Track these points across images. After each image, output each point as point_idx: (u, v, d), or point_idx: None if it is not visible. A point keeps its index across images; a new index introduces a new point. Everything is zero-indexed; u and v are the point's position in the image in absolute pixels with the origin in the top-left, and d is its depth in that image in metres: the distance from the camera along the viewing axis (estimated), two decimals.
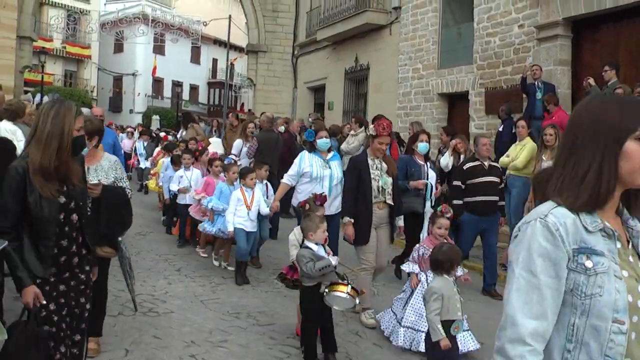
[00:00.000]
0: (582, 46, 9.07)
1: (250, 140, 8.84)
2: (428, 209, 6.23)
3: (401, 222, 5.55)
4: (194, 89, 41.54)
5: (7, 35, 16.45)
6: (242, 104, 31.84)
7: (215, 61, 41.64)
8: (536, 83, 8.80)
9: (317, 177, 5.70)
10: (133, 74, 37.33)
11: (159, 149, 11.44)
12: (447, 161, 7.64)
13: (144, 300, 5.18)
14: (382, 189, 5.07)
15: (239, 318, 4.98)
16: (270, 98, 19.14)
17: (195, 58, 40.86)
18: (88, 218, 2.91)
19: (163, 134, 18.08)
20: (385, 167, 5.15)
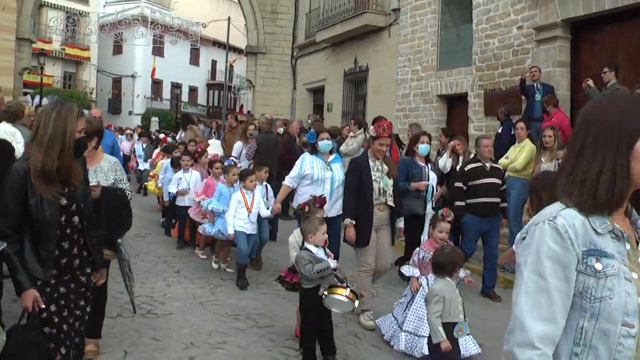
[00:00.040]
0: (581, 48, 9.07)
1: (249, 142, 8.82)
2: (429, 211, 6.21)
3: (401, 223, 5.53)
4: (193, 90, 41.48)
5: (6, 37, 16.45)
6: (242, 106, 31.92)
7: (214, 63, 41.58)
8: (535, 85, 8.80)
9: (318, 180, 5.65)
10: (132, 76, 37.27)
11: (158, 150, 11.42)
12: (445, 162, 7.62)
13: (142, 301, 5.16)
14: (383, 191, 5.05)
15: (238, 320, 4.96)
16: (269, 99, 19.14)
17: (195, 60, 40.81)
18: (90, 220, 2.89)
19: (162, 135, 18.05)
20: (386, 168, 5.13)
